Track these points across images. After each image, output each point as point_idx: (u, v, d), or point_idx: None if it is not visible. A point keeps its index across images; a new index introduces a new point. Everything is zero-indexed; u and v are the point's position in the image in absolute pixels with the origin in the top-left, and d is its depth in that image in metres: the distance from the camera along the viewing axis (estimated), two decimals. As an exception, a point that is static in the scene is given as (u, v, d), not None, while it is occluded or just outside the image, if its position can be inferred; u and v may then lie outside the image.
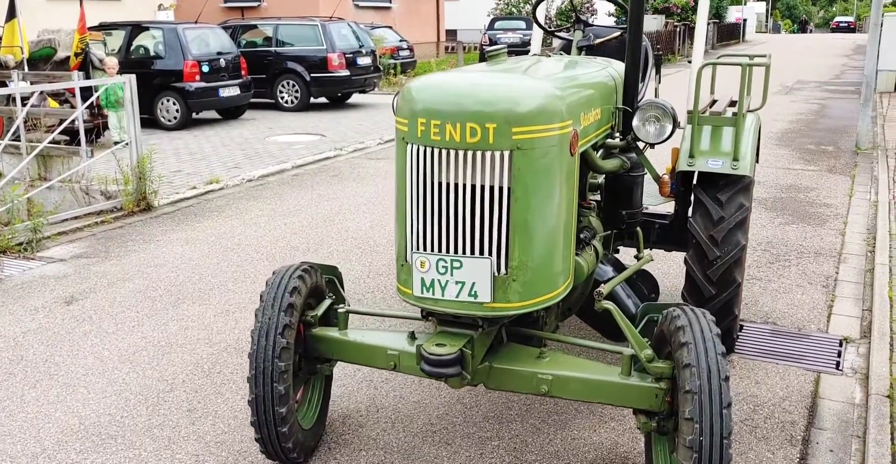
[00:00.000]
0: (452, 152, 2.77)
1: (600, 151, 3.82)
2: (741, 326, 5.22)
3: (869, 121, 11.64)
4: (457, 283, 2.87)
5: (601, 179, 3.88)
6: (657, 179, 3.84)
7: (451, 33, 37.37)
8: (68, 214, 8.07)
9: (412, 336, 3.31)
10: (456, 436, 3.81)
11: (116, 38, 14.21)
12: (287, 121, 14.98)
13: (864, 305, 5.60)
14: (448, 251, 2.87)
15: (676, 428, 2.85)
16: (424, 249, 2.91)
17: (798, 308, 5.54)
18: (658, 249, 4.90)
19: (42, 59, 11.84)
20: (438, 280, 2.89)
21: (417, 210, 2.89)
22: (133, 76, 8.43)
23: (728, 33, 43.40)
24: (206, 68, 13.89)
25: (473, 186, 2.79)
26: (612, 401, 3.07)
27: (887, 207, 8.06)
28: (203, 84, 13.78)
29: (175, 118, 13.77)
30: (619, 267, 3.85)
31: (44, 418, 4.03)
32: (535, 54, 3.83)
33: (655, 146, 4.90)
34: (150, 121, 13.97)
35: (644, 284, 4.02)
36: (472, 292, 2.87)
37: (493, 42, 26.62)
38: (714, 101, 5.07)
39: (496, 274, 2.86)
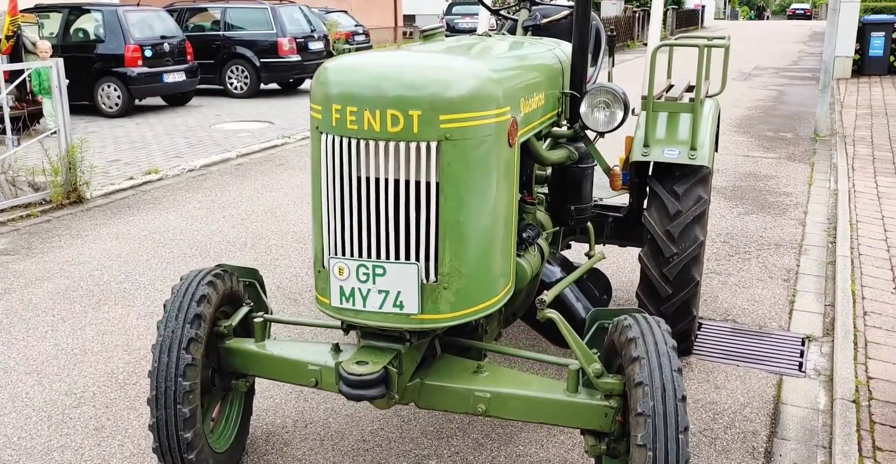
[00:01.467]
0: (372, 144, 2.41)
1: (547, 141, 3.48)
2: (700, 325, 4.95)
3: (827, 107, 11.50)
4: (380, 292, 2.52)
5: (549, 171, 3.55)
6: (608, 171, 3.54)
7: (410, 18, 36.82)
8: (-10, 208, 7.53)
9: (336, 349, 2.95)
10: (391, 454, 3.47)
11: (54, 21, 13.53)
12: (235, 108, 14.44)
13: (826, 300, 5.37)
14: (370, 256, 2.51)
15: (629, 451, 2.54)
16: (343, 254, 2.55)
17: (759, 304, 5.29)
18: (612, 244, 4.60)
19: (-30, 43, 11.17)
20: (359, 289, 2.53)
21: (334, 209, 2.53)
22: (60, 60, 7.90)
23: (687, 20, 43.42)
24: (149, 53, 13.29)
25: (397, 182, 2.44)
26: (557, 421, 2.75)
27: (847, 195, 7.86)
28: (146, 69, 13.19)
29: (116, 105, 13.17)
30: (567, 267, 3.53)
31: (-69, 440, 3.61)
32: (476, 35, 3.48)
33: (606, 135, 4.62)
34: (91, 108, 13.36)
35: (595, 284, 3.71)
36: (398, 303, 2.52)
37: (451, 27, 26.21)
38: (671, 86, 4.77)
39: (424, 282, 2.51)
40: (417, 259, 2.49)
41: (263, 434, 3.63)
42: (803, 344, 4.71)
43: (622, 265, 5.84)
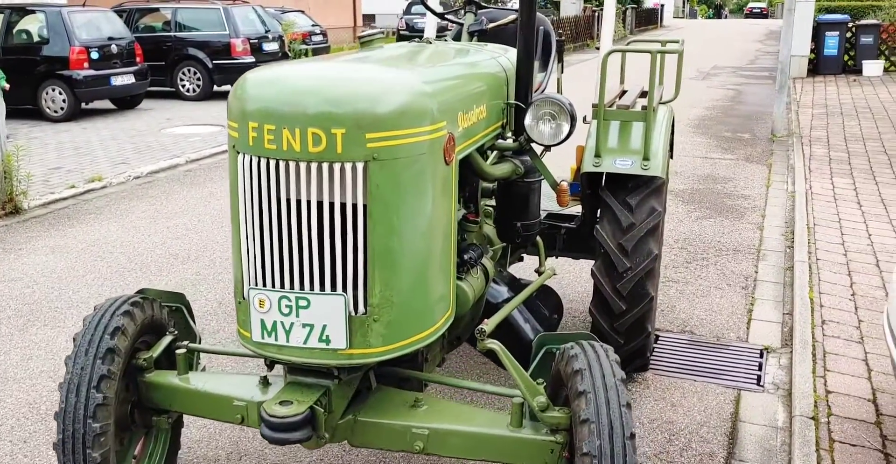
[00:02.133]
0: (292, 164, 2.20)
1: (493, 154, 3.30)
2: (657, 338, 4.81)
3: (784, 107, 11.50)
4: (304, 326, 2.31)
5: (494, 185, 3.36)
6: (555, 186, 3.36)
7: (370, 18, 36.48)
8: (-82, 221, 7.16)
9: (265, 382, 2.73)
10: (329, 489, 3.26)
11: (-5, 22, 13.05)
12: (187, 111, 14.07)
13: (784, 308, 5.26)
14: (292, 287, 2.30)
15: (576, 489, 2.36)
16: (264, 285, 2.33)
17: (717, 314, 5.17)
18: (565, 257, 4.44)
19: None
20: (282, 322, 2.32)
21: (254, 236, 2.31)
22: (-8, 64, 7.51)
23: (646, 19, 43.66)
24: (95, 55, 12.88)
25: (321, 206, 2.23)
26: (500, 458, 2.56)
27: (804, 198, 7.81)
28: (92, 72, 12.78)
29: (62, 109, 12.74)
30: (515, 286, 3.34)
31: None
32: (418, 41, 3.28)
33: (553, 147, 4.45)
34: (35, 112, 12.92)
35: (546, 303, 3.53)
36: (324, 337, 2.31)
37: (409, 27, 25.97)
38: (623, 92, 4.62)
39: (353, 314, 2.31)
40: (345, 290, 2.28)
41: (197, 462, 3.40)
42: (761, 356, 4.59)
43: (577, 275, 5.68)
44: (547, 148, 3.18)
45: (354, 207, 2.23)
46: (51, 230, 7.10)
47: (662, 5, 49.43)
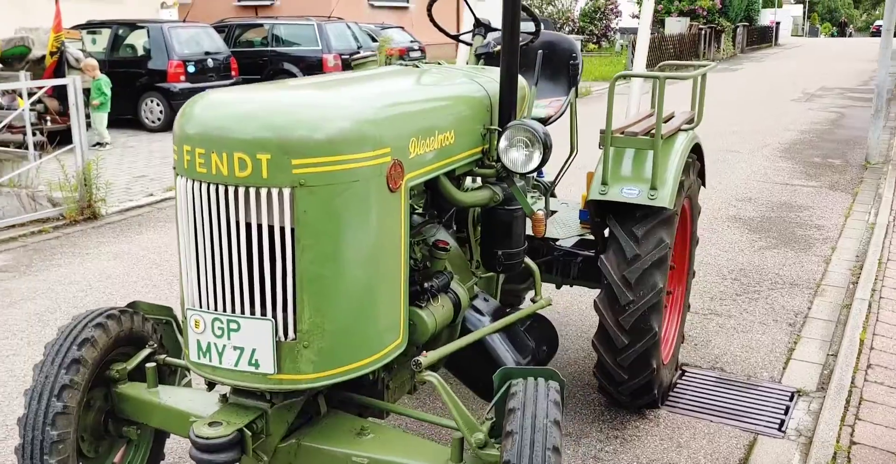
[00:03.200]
0: (221, 188, 2.23)
1: (477, 180, 3.24)
2: (683, 372, 4.61)
3: (880, 132, 10.87)
4: (235, 348, 2.33)
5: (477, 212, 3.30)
6: (530, 215, 3.27)
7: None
8: (2, 222, 7.65)
9: (224, 399, 2.76)
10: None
11: (104, 37, 13.88)
12: (277, 123, 14.51)
13: (830, 349, 4.95)
14: (224, 309, 2.33)
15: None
16: (199, 306, 2.37)
17: (753, 351, 4.91)
18: (580, 285, 4.31)
19: (16, 58, 11.50)
20: (215, 344, 2.35)
21: (190, 257, 2.35)
22: (77, 78, 7.98)
23: (760, 37, 42.22)
24: (192, 68, 13.49)
25: (249, 228, 2.25)
26: (439, 494, 2.50)
27: (885, 229, 7.35)
28: (188, 85, 13.38)
29: (159, 119, 13.39)
30: (498, 315, 3.26)
31: None
32: (404, 64, 3.26)
33: (567, 171, 4.35)
34: (135, 122, 13.63)
35: (536, 333, 3.43)
36: (253, 361, 2.32)
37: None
38: (649, 116, 4.40)
39: (282, 339, 2.31)
40: (274, 314, 2.29)
41: (179, 479, 3.48)
42: (791, 399, 4.33)
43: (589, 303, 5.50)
44: (520, 175, 3.09)
45: (282, 230, 2.23)
46: (120, 237, 7.45)
47: (778, 23, 47.71)
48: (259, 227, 2.24)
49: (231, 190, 2.22)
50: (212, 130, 2.22)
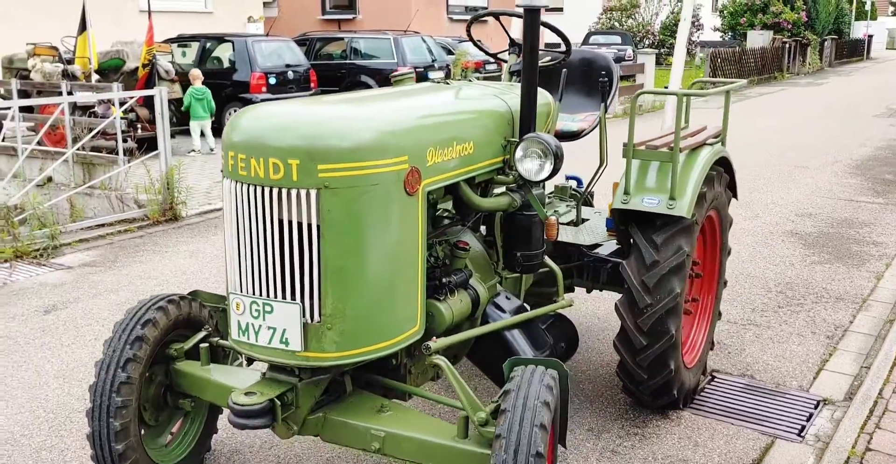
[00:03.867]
0: (258, 189, 2.60)
1: (502, 188, 3.53)
2: (712, 377, 4.78)
3: (956, 151, 10.63)
4: (269, 328, 2.69)
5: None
6: (544, 219, 3.52)
7: (554, 47, 36.94)
8: (91, 222, 8.31)
9: (263, 376, 3.13)
10: (333, 482, 3.61)
11: (193, 50, 14.71)
12: (352, 133, 15.05)
13: (865, 361, 5.02)
14: (260, 294, 2.69)
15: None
16: (240, 290, 2.74)
17: (786, 361, 5.03)
18: (609, 290, 4.54)
19: (112, 70, 12.34)
20: (252, 324, 2.72)
21: (233, 247, 2.73)
22: (164, 89, 8.61)
23: (850, 50, 41.05)
24: (273, 80, 14.16)
25: (282, 223, 2.61)
26: (444, 465, 2.80)
27: (945, 248, 7.28)
28: (269, 96, 14.04)
29: (241, 128, 14.07)
30: (519, 312, 3.53)
31: (-49, 430, 4.09)
32: (435, 82, 3.59)
33: (597, 181, 4.59)
34: (219, 130, 14.35)
35: (556, 331, 3.69)
36: (284, 339, 2.68)
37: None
38: (700, 131, 4.59)
39: (308, 321, 2.65)
40: (302, 299, 2.64)
41: (229, 451, 3.86)
42: (816, 407, 4.44)
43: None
44: (533, 184, 3.36)
45: (310, 226, 2.58)
46: (197, 237, 8.00)
47: (871, 36, 46.25)
48: (290, 223, 2.59)
49: (266, 190, 2.58)
50: (252, 139, 2.59)
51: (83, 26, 11.78)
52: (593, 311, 5.70)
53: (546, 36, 4.52)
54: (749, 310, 5.89)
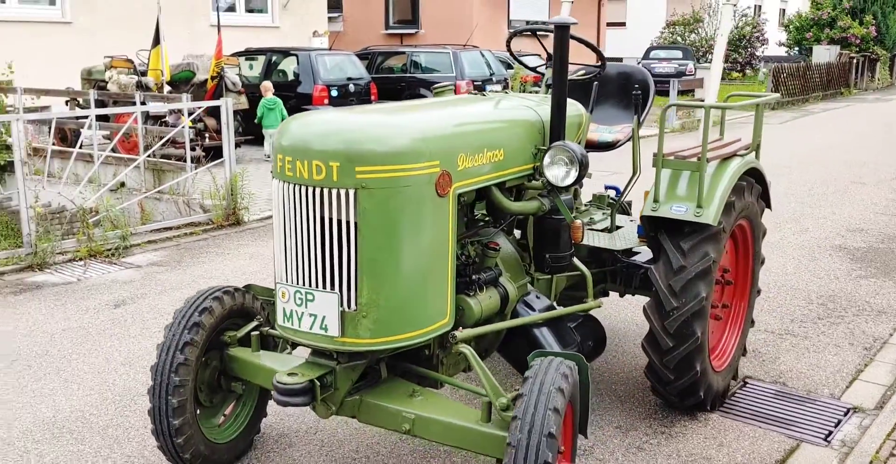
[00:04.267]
0: (303, 188, 2.88)
1: (526, 193, 3.77)
2: (744, 383, 4.90)
3: None
4: (310, 315, 2.96)
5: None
6: (570, 222, 3.72)
7: (617, 61, 36.88)
8: (159, 225, 8.79)
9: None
10: (370, 465, 3.87)
11: (259, 63, 15.29)
12: (409, 145, 15.42)
13: (901, 372, 5.08)
14: (303, 284, 2.97)
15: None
16: (286, 281, 3.02)
17: (820, 370, 5.11)
18: (642, 295, 4.70)
19: (183, 81, 12.94)
20: (296, 311, 3.00)
21: (280, 241, 3.02)
22: (230, 100, 9.07)
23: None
24: (334, 93, 14.61)
25: (323, 220, 2.88)
26: (467, 446, 3.03)
27: None
28: (331, 107, 14.48)
29: (303, 139, 14.56)
30: (547, 310, 3.75)
31: (28, 408, 4.48)
32: (474, 93, 3.84)
33: (630, 189, 4.77)
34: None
35: (584, 331, 3.89)
36: (323, 326, 2.95)
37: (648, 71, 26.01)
38: (733, 142, 4.73)
39: (346, 310, 2.92)
40: (340, 289, 2.91)
41: (277, 434, 4.16)
42: (846, 415, 4.53)
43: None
44: (559, 189, 3.56)
45: (348, 223, 2.85)
46: (257, 240, 8.40)
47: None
48: (330, 220, 2.87)
49: (309, 190, 2.87)
50: (298, 143, 2.88)
51: (157, 40, 12.41)
52: (631, 317, 5.86)
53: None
54: (788, 320, 5.96)
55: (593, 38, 32.91)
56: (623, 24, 36.87)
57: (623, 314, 5.92)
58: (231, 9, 18.38)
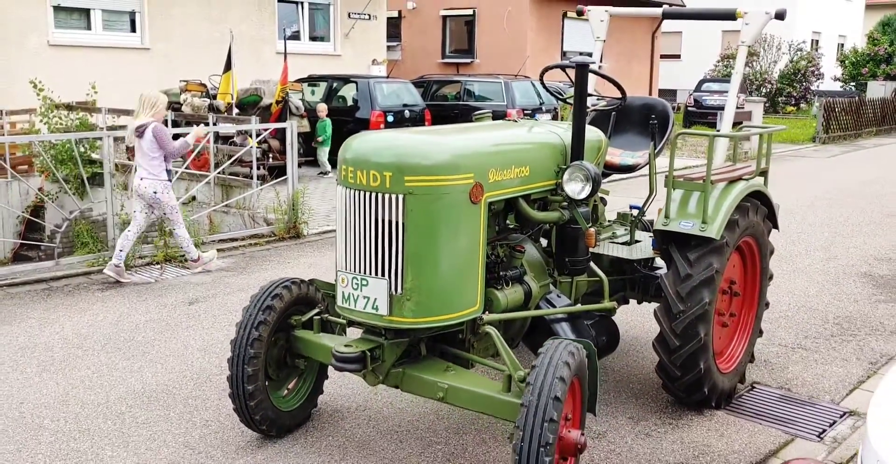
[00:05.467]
0: (361, 193, 3.55)
1: (550, 205, 4.38)
2: (752, 387, 5.39)
3: None
4: (364, 297, 3.62)
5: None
6: (585, 230, 4.31)
7: (671, 93, 37.31)
8: (226, 235, 9.60)
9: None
10: (410, 437, 4.48)
11: (321, 89, 16.22)
12: (460, 169, 16.12)
13: (900, 384, 5.50)
14: (359, 271, 3.63)
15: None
16: (345, 268, 3.69)
17: (825, 379, 5.57)
18: (657, 302, 5.25)
19: (250, 105, 13.87)
20: (353, 294, 3.65)
21: (342, 235, 3.68)
22: (294, 123, 9.89)
23: None
24: (390, 118, 15.42)
25: (377, 220, 3.54)
26: (490, 411, 3.64)
27: None
28: (387, 132, 15.30)
29: (360, 161, 15.39)
30: (566, 306, 4.34)
31: (121, 381, 5.22)
32: (506, 120, 4.49)
33: (647, 208, 5.34)
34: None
35: (599, 328, 4.46)
36: (374, 306, 3.59)
37: (697, 103, 26.44)
38: (741, 168, 5.28)
39: (393, 293, 3.56)
40: (390, 276, 3.55)
41: (331, 409, 4.81)
42: (842, 416, 4.99)
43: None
44: (575, 202, 4.16)
45: (397, 223, 3.50)
46: (315, 252, 9.13)
47: None
48: (383, 220, 3.53)
49: (366, 194, 3.53)
50: (359, 156, 3.56)
51: (228, 66, 13.38)
52: (648, 325, 6.38)
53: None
54: (802, 337, 6.42)
55: (646, 71, 33.44)
56: (678, 56, 37.36)
57: (640, 321, 6.46)
58: (296, 37, 19.46)
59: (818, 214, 11.83)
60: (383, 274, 3.57)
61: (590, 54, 5.03)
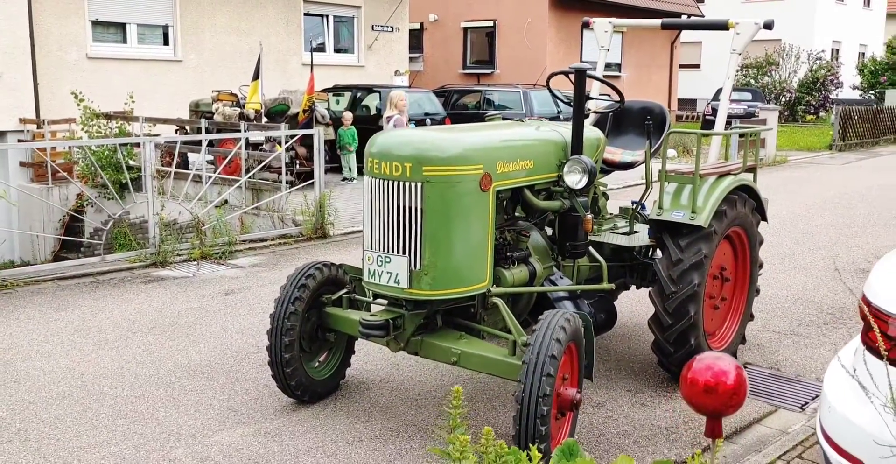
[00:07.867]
0: (385, 182, 4.09)
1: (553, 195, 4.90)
2: (744, 366, 5.84)
3: None
4: (387, 273, 4.15)
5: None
6: (583, 217, 4.80)
7: (690, 103, 37.69)
8: (256, 235, 10.20)
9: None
10: (428, 403, 5.00)
11: (345, 99, 16.85)
12: (480, 175, 16.67)
13: (882, 365, 5.93)
14: (383, 250, 4.16)
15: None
16: (371, 248, 4.23)
17: (814, 361, 6.01)
18: (653, 286, 5.73)
19: (278, 114, 14.52)
20: (377, 270, 4.19)
21: (368, 218, 4.22)
22: (321, 129, 10.49)
23: None
24: (412, 126, 16.00)
25: (398, 205, 4.08)
26: (497, 372, 4.15)
27: None
28: (409, 139, 15.87)
29: (383, 167, 15.98)
30: (571, 290, 4.85)
31: (168, 357, 5.79)
32: (515, 120, 5.02)
33: (644, 201, 5.84)
34: (364, 169, 16.33)
35: (598, 306, 4.97)
36: (396, 280, 4.13)
37: (715, 111, 26.79)
38: (730, 164, 5.78)
39: (413, 269, 4.09)
40: (410, 254, 4.08)
41: (358, 382, 5.34)
42: (824, 391, 5.44)
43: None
44: (574, 192, 4.68)
45: (416, 207, 4.04)
46: (341, 251, 9.69)
47: None
48: (403, 205, 4.06)
49: (389, 183, 4.07)
50: (383, 149, 4.10)
51: (256, 75, 14.04)
52: (647, 310, 6.86)
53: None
54: (796, 324, 6.87)
55: (665, 80, 33.85)
56: (698, 66, 37.75)
57: (641, 309, 6.92)
58: (321, 49, 20.15)
59: (826, 216, 12.22)
60: (404, 252, 4.10)
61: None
